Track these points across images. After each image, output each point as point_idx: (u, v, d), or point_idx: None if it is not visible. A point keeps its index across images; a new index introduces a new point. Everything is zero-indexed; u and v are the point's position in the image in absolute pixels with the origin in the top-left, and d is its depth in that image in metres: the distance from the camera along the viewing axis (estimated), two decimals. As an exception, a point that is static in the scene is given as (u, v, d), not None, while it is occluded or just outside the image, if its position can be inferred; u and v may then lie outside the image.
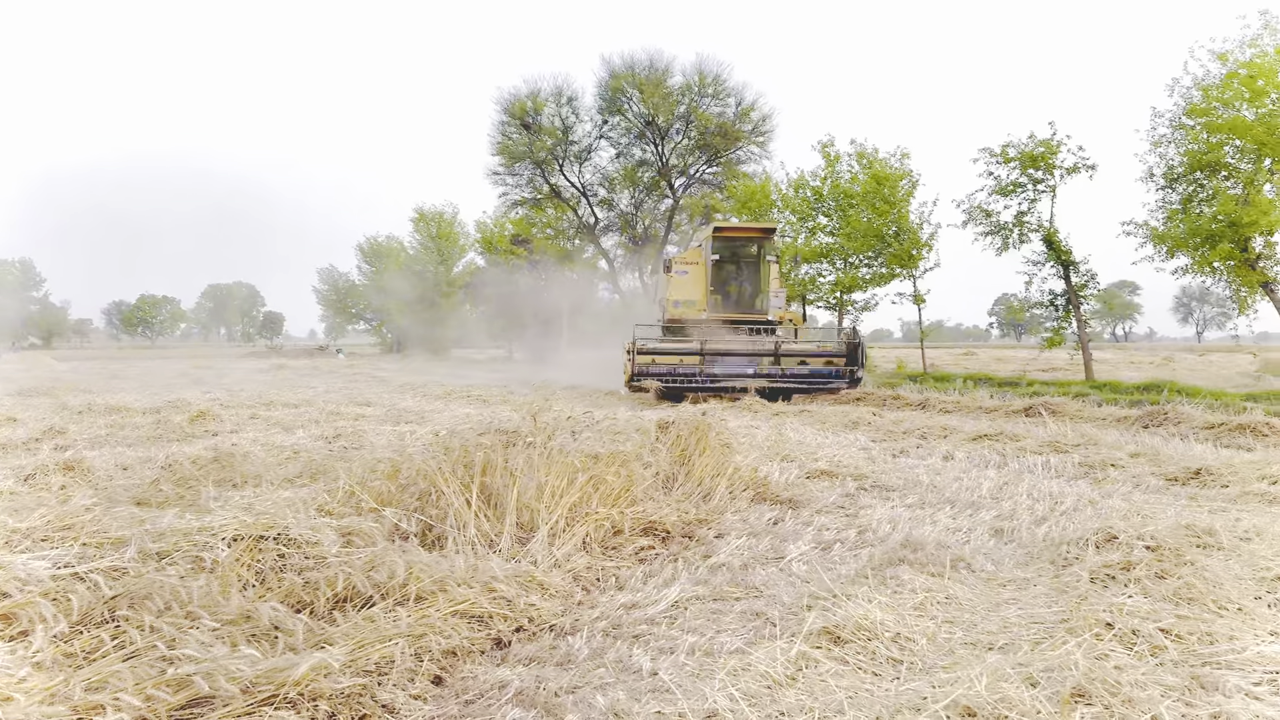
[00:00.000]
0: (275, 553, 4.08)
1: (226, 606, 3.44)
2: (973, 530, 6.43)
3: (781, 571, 5.35)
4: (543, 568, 4.87)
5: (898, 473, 9.03)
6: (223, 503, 4.95)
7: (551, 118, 37.52)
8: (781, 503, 7.34)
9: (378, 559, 4.04)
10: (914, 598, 4.58)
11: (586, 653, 3.94)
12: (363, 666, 3.33)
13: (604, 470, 5.73)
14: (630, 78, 36.20)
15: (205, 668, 2.91)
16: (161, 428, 12.60)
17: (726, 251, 21.28)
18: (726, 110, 36.68)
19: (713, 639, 4.10)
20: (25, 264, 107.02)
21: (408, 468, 5.34)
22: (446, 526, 5.00)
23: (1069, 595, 4.53)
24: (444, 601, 3.96)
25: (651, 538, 5.84)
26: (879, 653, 3.76)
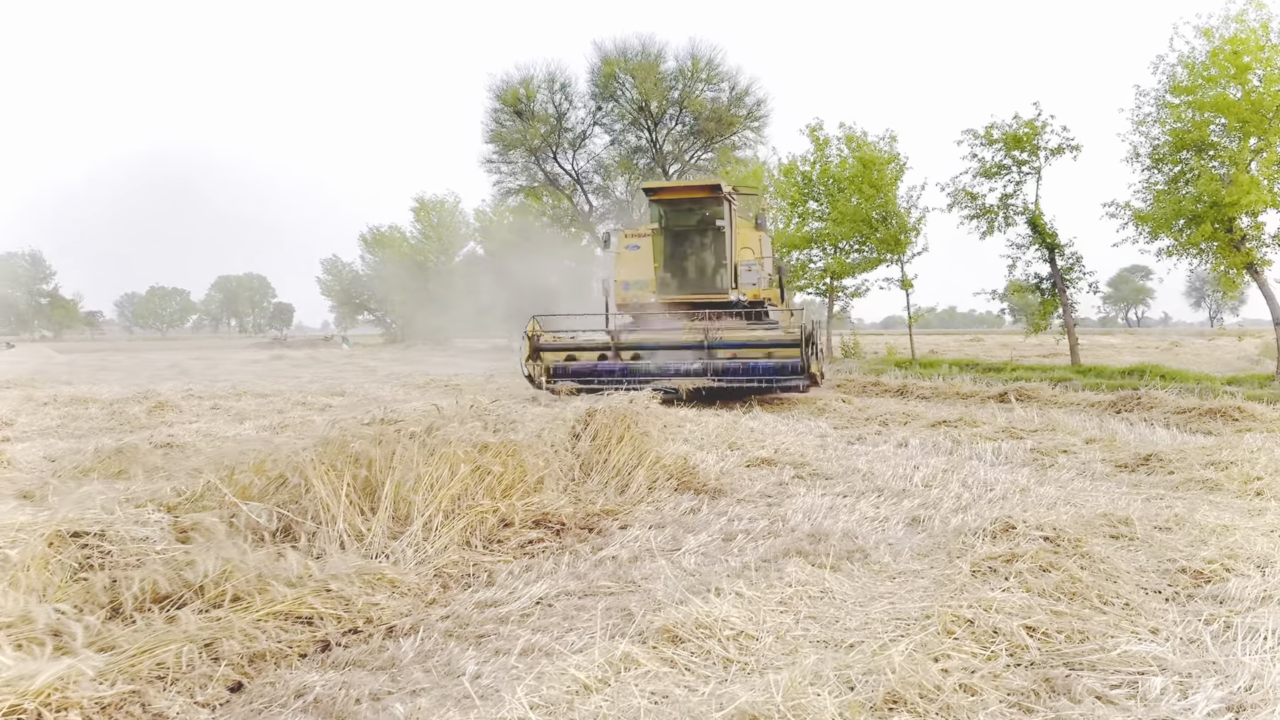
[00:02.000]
0: (98, 550, 3.89)
1: (4, 609, 3.25)
2: (889, 520, 6.19)
3: (671, 565, 5.12)
4: (402, 564, 4.67)
5: (840, 460, 8.80)
6: (63, 497, 4.76)
7: (544, 104, 37.25)
8: (704, 492, 7.12)
9: (189, 558, 3.83)
10: (785, 592, 4.36)
11: (412, 656, 3.73)
12: (138, 673, 3.13)
13: (491, 461, 5.51)
14: (623, 63, 35.86)
15: (-65, 677, 2.71)
16: (115, 419, 12.47)
17: (671, 218, 17.20)
18: (720, 95, 36.37)
19: (558, 639, 3.89)
20: (35, 256, 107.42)
21: (274, 460, 5.14)
22: (307, 521, 4.79)
23: (947, 589, 4.30)
24: (262, 602, 3.75)
25: (544, 530, 5.62)
26: (713, 653, 3.54)
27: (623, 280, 17.62)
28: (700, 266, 17.19)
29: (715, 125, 35.92)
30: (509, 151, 37.77)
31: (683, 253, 17.24)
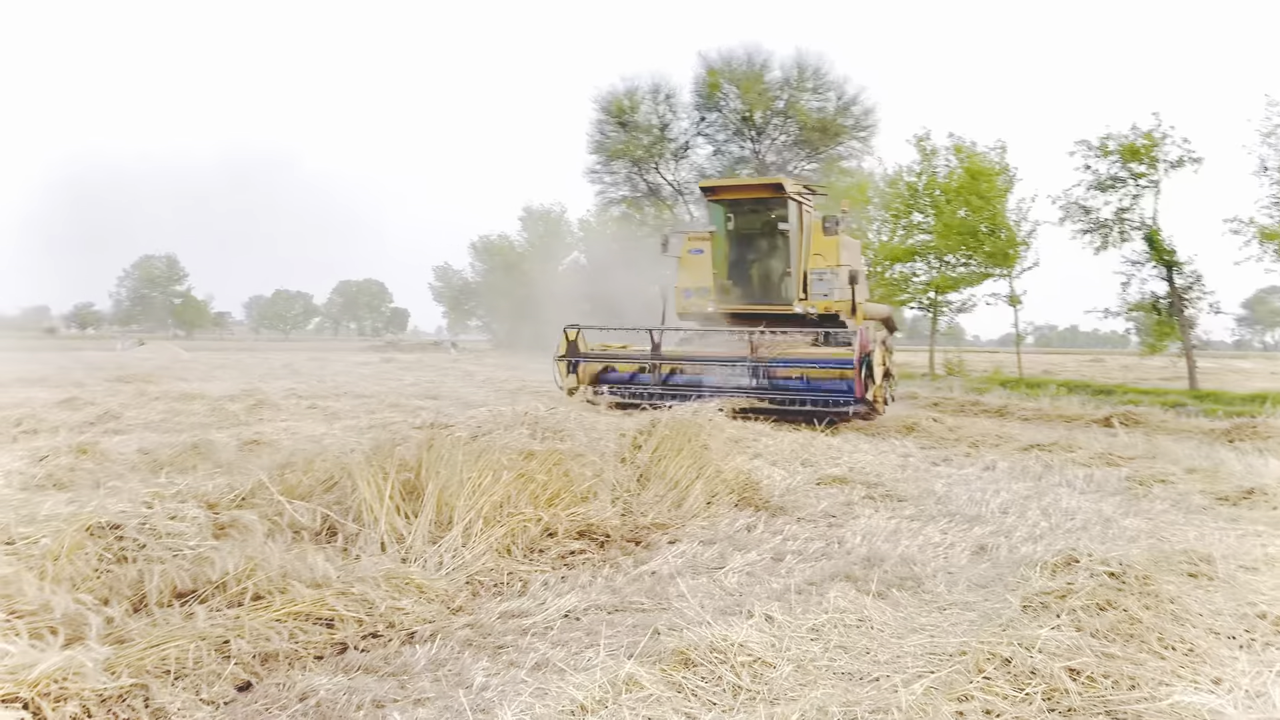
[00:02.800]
0: (134, 543, 3.99)
1: (25, 597, 3.35)
2: (953, 547, 5.90)
3: (711, 583, 4.99)
4: (434, 569, 4.65)
5: (918, 482, 8.47)
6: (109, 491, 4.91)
7: (648, 115, 37.39)
8: (764, 509, 6.94)
9: (207, 555, 3.88)
10: (819, 619, 4.16)
11: (425, 663, 3.69)
12: (144, 666, 3.17)
13: (535, 468, 5.46)
14: (727, 73, 35.73)
15: (-60, 661, 2.79)
16: (214, 415, 12.95)
17: (732, 220, 15.47)
18: (826, 105, 35.82)
19: (575, 654, 3.81)
20: (170, 259, 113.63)
21: (322, 460, 5.20)
22: (349, 521, 4.83)
23: (993, 623, 4.03)
24: (281, 602, 3.78)
25: (587, 541, 5.54)
26: (724, 679, 3.38)
27: (683, 287, 16.08)
28: (763, 274, 15.52)
29: (820, 135, 35.32)
30: (612, 162, 37.95)
31: (744, 258, 15.61)
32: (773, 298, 15.27)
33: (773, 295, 15.29)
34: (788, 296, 15.04)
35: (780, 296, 15.16)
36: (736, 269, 15.61)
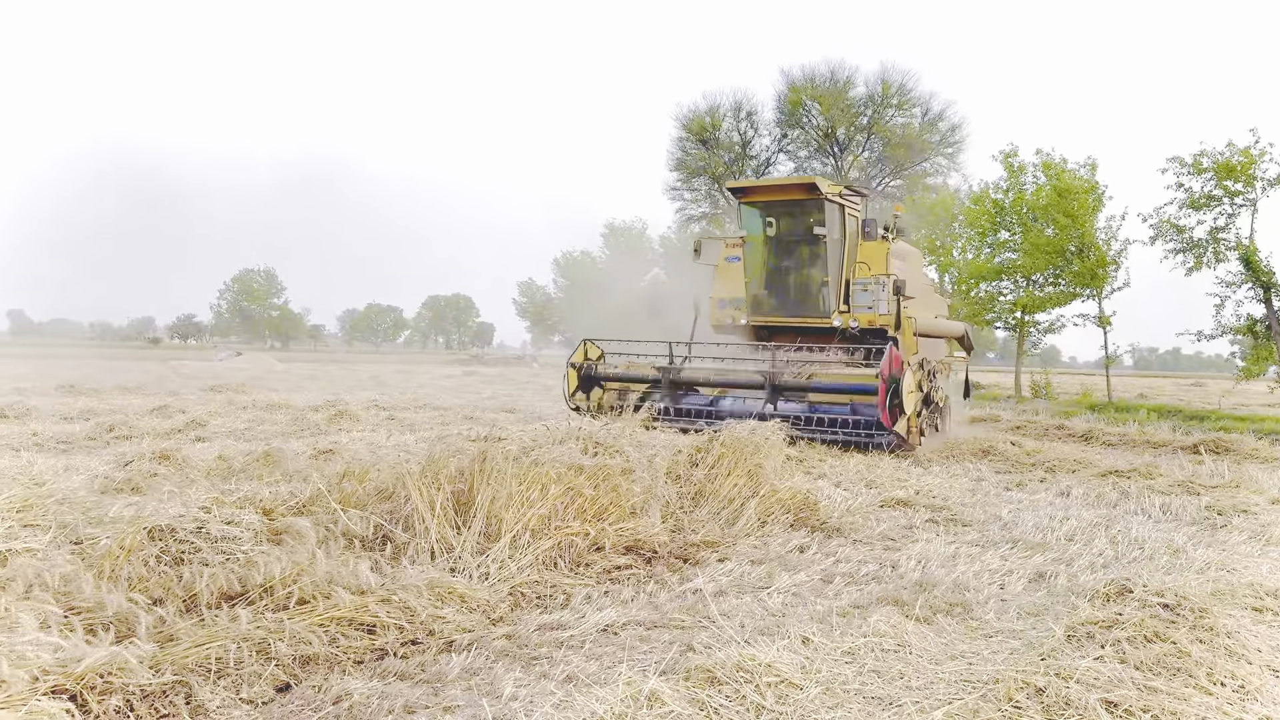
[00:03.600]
0: (190, 546, 4.17)
1: (82, 594, 3.54)
2: (1011, 573, 5.76)
3: (755, 602, 4.97)
4: (480, 579, 4.74)
5: (985, 507, 8.29)
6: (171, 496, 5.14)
7: (729, 132, 37.42)
8: (820, 530, 6.87)
9: (265, 559, 4.04)
10: (857, 642, 4.12)
11: (459, 672, 3.77)
12: (187, 664, 3.32)
13: (583, 483, 5.52)
14: (810, 90, 35.50)
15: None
16: (296, 425, 13.39)
17: (764, 225, 14.13)
18: (912, 121, 35.30)
19: (608, 669, 3.84)
20: (268, 273, 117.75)
21: (378, 471, 5.36)
22: (400, 530, 4.96)
23: (1035, 652, 3.93)
24: (324, 607, 3.90)
25: (635, 557, 5.58)
26: (748, 698, 3.38)
27: (719, 298, 14.87)
28: (800, 284, 14.08)
29: (905, 152, 34.92)
30: (692, 179, 38.15)
31: (779, 266, 14.23)
32: (809, 310, 14.03)
33: (809, 307, 14.03)
34: (825, 309, 13.76)
35: (817, 309, 13.89)
36: (770, 278, 14.38)
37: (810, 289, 14.01)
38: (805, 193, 13.47)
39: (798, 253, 14.00)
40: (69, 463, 8.35)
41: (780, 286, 14.30)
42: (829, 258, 13.61)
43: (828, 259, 13.62)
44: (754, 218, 14.30)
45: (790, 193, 13.69)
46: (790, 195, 13.69)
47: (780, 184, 13.94)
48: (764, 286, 14.40)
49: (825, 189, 13.19)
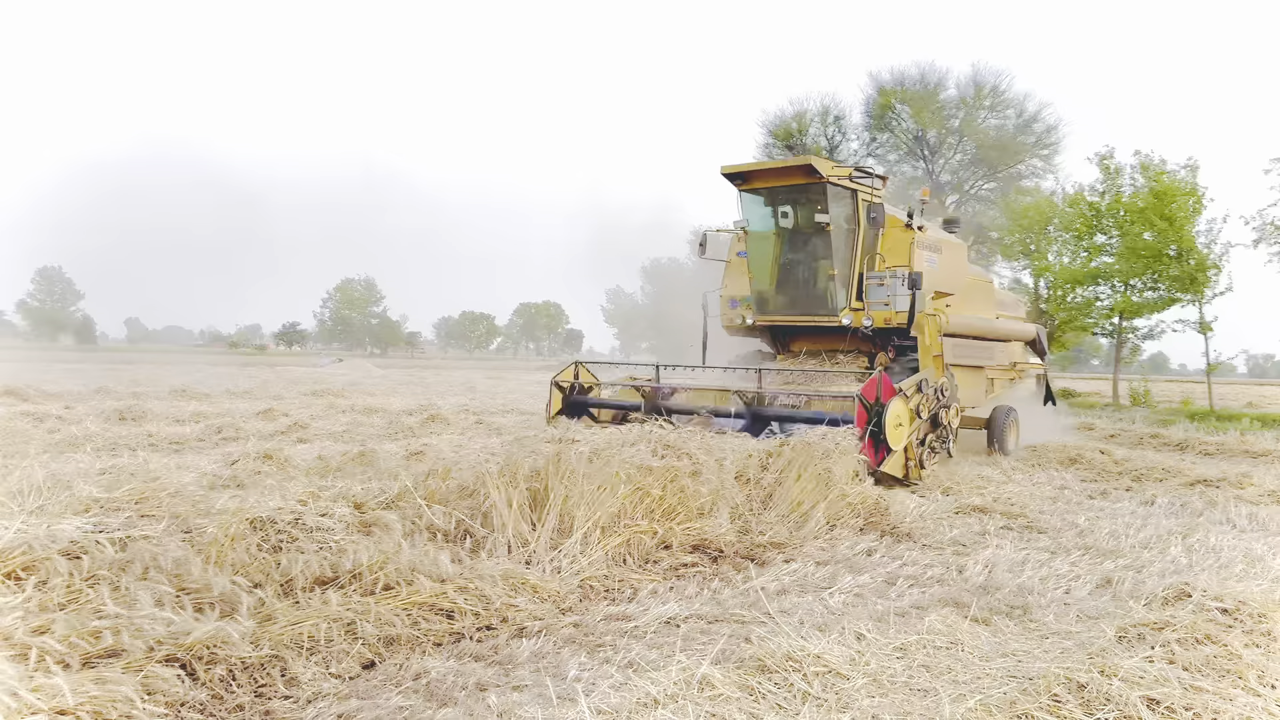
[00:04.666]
0: (289, 535, 4.56)
1: (191, 576, 3.93)
2: (1078, 579, 5.79)
3: (816, 601, 5.13)
4: (552, 572, 5.03)
5: (1063, 514, 8.25)
6: (271, 491, 5.57)
7: (816, 137, 37.27)
8: (889, 534, 6.98)
9: (355, 548, 4.39)
10: (909, 639, 4.26)
11: (528, 655, 4.06)
12: (283, 640, 3.67)
13: (651, 484, 5.77)
14: (899, 93, 35.15)
15: (119, 623, 3.37)
16: (391, 428, 13.98)
17: (765, 214, 12.76)
18: (1006, 123, 34.64)
19: (667, 656, 4.06)
20: (368, 282, 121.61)
21: (459, 470, 5.70)
22: (478, 525, 5.29)
23: (1085, 651, 4.02)
24: (407, 592, 4.24)
25: (701, 555, 5.80)
26: (795, 686, 3.57)
27: (729, 296, 13.39)
28: (806, 279, 12.63)
29: (999, 154, 34.26)
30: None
31: (785, 260, 12.87)
32: (816, 308, 12.49)
33: (816, 305, 12.48)
34: (832, 306, 12.24)
35: (825, 306, 12.34)
36: (776, 273, 12.91)
37: (817, 284, 12.49)
38: (804, 175, 11.83)
39: (804, 244, 12.51)
40: (181, 461, 8.97)
41: (786, 282, 12.86)
42: (835, 248, 12.07)
43: (833, 250, 12.08)
44: (755, 206, 12.83)
45: (789, 176, 12.08)
46: (790, 179, 12.10)
47: (776, 167, 12.23)
48: (769, 283, 12.92)
49: (826, 171, 11.66)
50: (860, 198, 12.05)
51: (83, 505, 4.81)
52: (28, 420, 12.34)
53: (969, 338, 12.95)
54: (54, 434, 10.99)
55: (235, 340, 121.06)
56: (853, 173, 11.97)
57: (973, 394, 13.23)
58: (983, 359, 13.54)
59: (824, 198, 11.79)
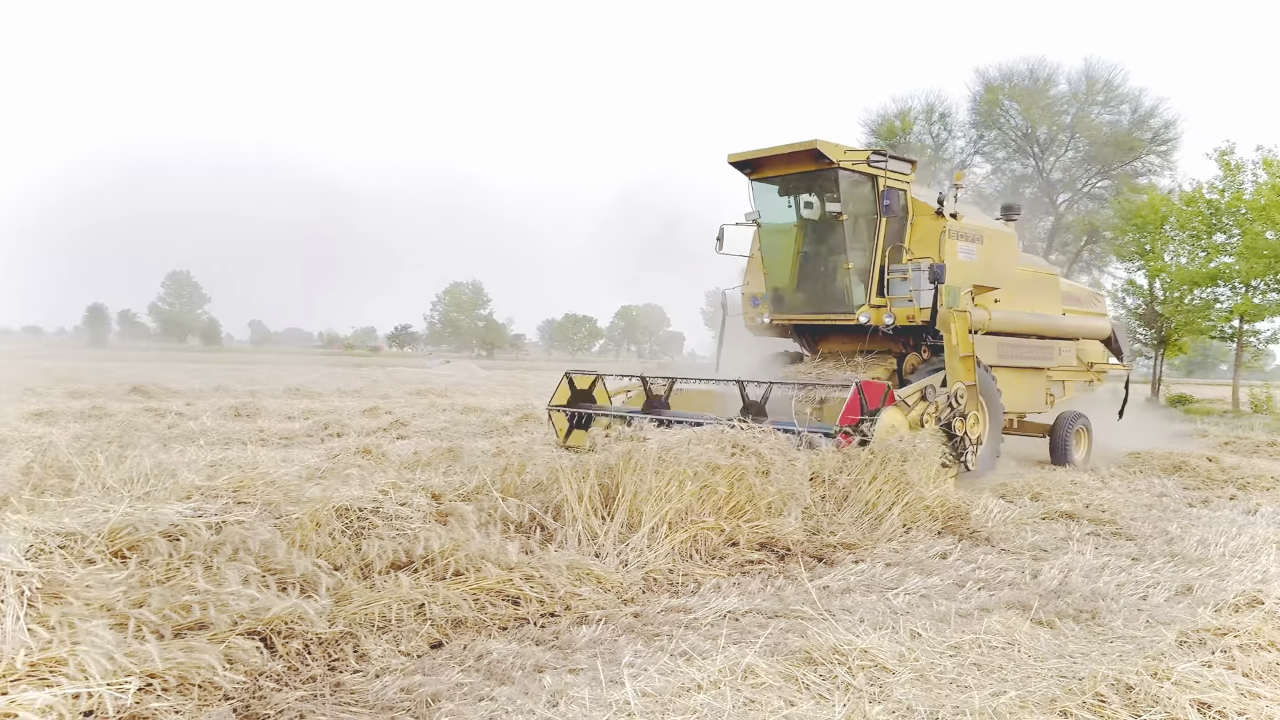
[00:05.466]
0: (369, 522, 4.86)
1: (276, 558, 4.25)
2: (1156, 585, 5.67)
3: (880, 600, 5.17)
4: (618, 565, 5.20)
5: (1156, 522, 8.03)
6: (358, 482, 5.90)
7: (920, 135, 36.57)
8: (966, 538, 6.92)
9: (428, 535, 4.66)
10: (964, 638, 4.28)
11: (586, 641, 4.24)
12: (356, 619, 3.94)
13: (719, 481, 5.89)
14: (1007, 89, 34.21)
15: (208, 598, 3.69)
16: (486, 426, 14.43)
17: (778, 204, 11.85)
18: (1120, 118, 33.31)
19: (721, 648, 4.18)
20: (475, 286, 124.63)
21: (534, 465, 5.94)
22: (549, 517, 5.51)
23: (1144, 654, 3.98)
24: (475, 578, 4.47)
25: (768, 553, 5.89)
26: (838, 678, 3.65)
27: (750, 294, 12.46)
28: (823, 273, 11.71)
29: (1114, 151, 32.99)
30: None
31: (801, 253, 11.98)
32: (832, 305, 11.54)
33: (833, 301, 11.53)
34: (849, 303, 11.24)
35: (842, 303, 11.37)
36: (792, 268, 12.04)
37: (834, 279, 11.55)
38: (812, 161, 10.83)
39: (819, 236, 11.66)
40: (286, 455, 9.48)
41: (802, 277, 12.01)
42: (850, 240, 11.12)
43: (847, 241, 11.12)
44: (767, 196, 11.92)
45: (797, 162, 11.09)
46: (798, 166, 11.14)
47: (783, 153, 11.06)
48: (785, 279, 12.06)
49: (837, 155, 10.63)
50: (881, 183, 10.98)
51: (185, 492, 5.22)
52: (149, 415, 13.21)
53: (1022, 336, 12.16)
54: (172, 428, 11.75)
55: (350, 342, 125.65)
56: (871, 156, 10.97)
57: (1029, 398, 12.47)
58: (1041, 359, 12.62)
59: (834, 184, 10.89)
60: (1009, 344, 11.85)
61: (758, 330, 12.52)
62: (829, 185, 11.00)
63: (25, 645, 3.29)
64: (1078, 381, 13.81)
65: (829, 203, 11.13)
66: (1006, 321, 11.73)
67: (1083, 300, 14.17)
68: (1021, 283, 12.38)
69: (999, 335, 11.65)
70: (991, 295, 11.63)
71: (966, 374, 10.02)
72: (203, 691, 3.32)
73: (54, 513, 4.66)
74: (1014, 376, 11.84)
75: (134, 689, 3.18)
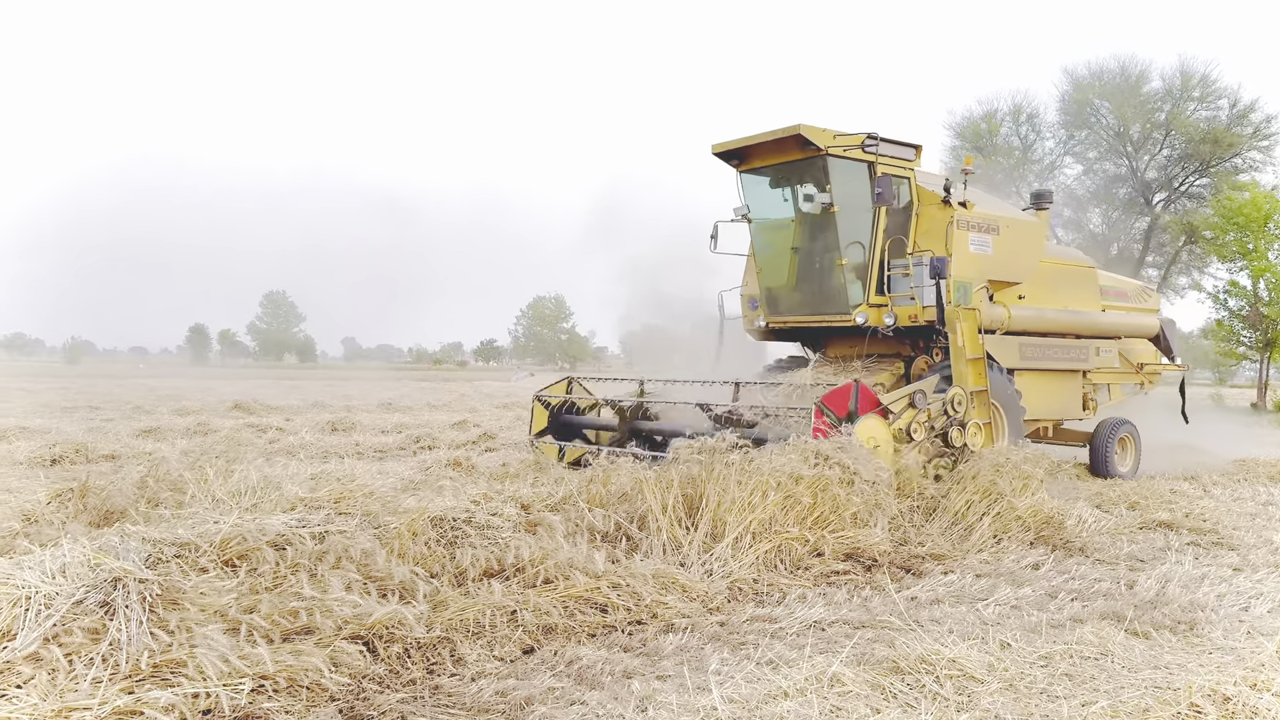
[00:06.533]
0: (462, 532, 5.04)
1: (376, 566, 4.44)
2: (1260, 597, 5.50)
3: (970, 611, 5.13)
4: (702, 574, 5.27)
5: (1259, 532, 7.76)
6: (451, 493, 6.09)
7: (1008, 137, 35.80)
8: (1060, 548, 6.79)
9: (518, 545, 4.80)
10: (1056, 648, 4.24)
11: (673, 648, 4.32)
12: (452, 624, 4.10)
13: (802, 492, 5.91)
14: (1098, 87, 33.24)
15: (314, 604, 3.89)
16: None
17: (769, 197, 10.99)
18: (1218, 114, 32.05)
19: (808, 657, 4.21)
20: (558, 299, 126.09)
21: (619, 476, 6.05)
22: (634, 527, 5.61)
23: (1243, 665, 3.88)
24: (564, 587, 4.60)
25: (854, 564, 5.89)
26: (926, 687, 3.66)
27: (748, 295, 11.58)
28: (816, 272, 10.78)
29: (1211, 148, 31.78)
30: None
31: (796, 250, 11.00)
32: (826, 305, 10.59)
33: (827, 302, 10.58)
34: (843, 302, 10.28)
35: (837, 303, 10.40)
36: (787, 266, 11.14)
37: (829, 278, 10.55)
38: (798, 149, 9.91)
39: (813, 230, 10.68)
40: (381, 468, 9.82)
41: (797, 276, 11.09)
42: (844, 234, 10.11)
43: (840, 235, 10.12)
44: (757, 189, 11.00)
45: (784, 151, 10.15)
46: (785, 155, 10.21)
47: (767, 140, 10.08)
48: (779, 278, 11.22)
49: (825, 142, 9.64)
50: (878, 171, 9.95)
51: (289, 504, 5.48)
52: (251, 431, 13.77)
53: (1051, 335, 11.24)
54: (273, 443, 12.24)
55: (439, 357, 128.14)
56: (865, 141, 9.85)
57: (1061, 403, 11.41)
58: (1075, 361, 11.50)
59: (825, 173, 9.89)
60: (1034, 344, 10.94)
61: (756, 334, 11.76)
62: (819, 174, 10.07)
63: (148, 648, 3.53)
64: (1125, 384, 12.74)
65: (819, 193, 10.20)
66: (1031, 319, 10.92)
67: (1130, 295, 13.02)
68: (1050, 277, 11.40)
69: (1022, 335, 10.81)
70: (1014, 291, 10.78)
71: (975, 378, 9.33)
72: (310, 693, 3.51)
73: (169, 524, 4.95)
74: (1041, 380, 10.96)
75: (247, 690, 3.39)
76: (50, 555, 3.94)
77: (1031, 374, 10.74)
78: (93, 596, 3.65)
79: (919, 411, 8.65)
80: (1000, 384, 9.82)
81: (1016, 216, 11.21)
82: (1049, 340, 11.17)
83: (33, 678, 3.34)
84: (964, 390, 9.09)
